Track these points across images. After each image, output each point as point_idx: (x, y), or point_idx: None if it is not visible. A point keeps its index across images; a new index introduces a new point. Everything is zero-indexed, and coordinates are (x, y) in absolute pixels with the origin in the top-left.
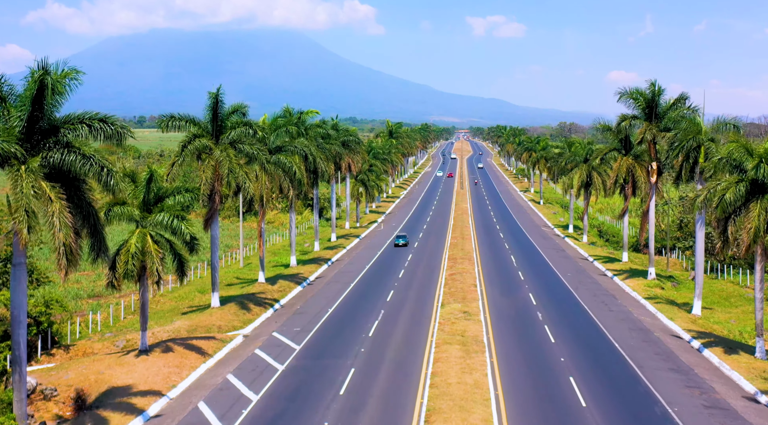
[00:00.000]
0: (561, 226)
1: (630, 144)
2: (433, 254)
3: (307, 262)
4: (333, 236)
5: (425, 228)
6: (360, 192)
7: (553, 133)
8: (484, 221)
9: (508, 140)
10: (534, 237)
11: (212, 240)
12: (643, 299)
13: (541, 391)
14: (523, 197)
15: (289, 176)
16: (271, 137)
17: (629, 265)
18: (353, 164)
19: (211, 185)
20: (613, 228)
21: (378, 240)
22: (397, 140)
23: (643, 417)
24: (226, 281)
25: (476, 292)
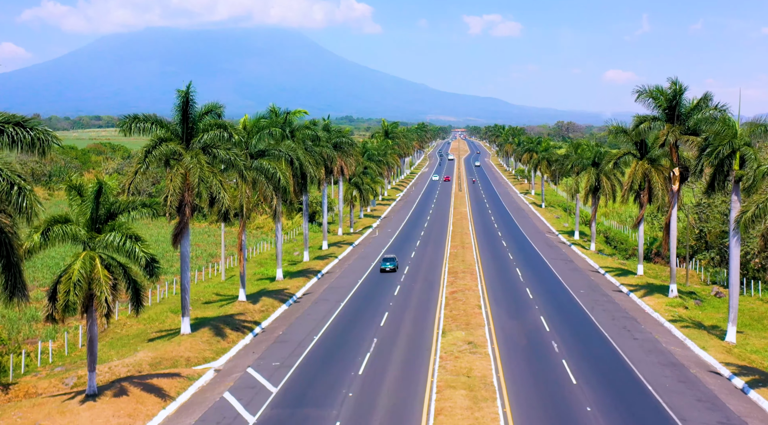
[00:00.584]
0: (565, 232)
1: (646, 147)
2: (431, 267)
3: (295, 274)
4: (324, 244)
5: (423, 235)
6: (354, 196)
7: (551, 132)
8: (485, 226)
9: (507, 140)
10: (539, 245)
11: (182, 258)
12: (667, 323)
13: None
14: (523, 200)
15: (272, 183)
16: (252, 140)
17: (645, 279)
18: (346, 168)
19: (181, 196)
20: (620, 235)
21: (372, 249)
22: (393, 141)
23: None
24: (204, 298)
25: (481, 315)
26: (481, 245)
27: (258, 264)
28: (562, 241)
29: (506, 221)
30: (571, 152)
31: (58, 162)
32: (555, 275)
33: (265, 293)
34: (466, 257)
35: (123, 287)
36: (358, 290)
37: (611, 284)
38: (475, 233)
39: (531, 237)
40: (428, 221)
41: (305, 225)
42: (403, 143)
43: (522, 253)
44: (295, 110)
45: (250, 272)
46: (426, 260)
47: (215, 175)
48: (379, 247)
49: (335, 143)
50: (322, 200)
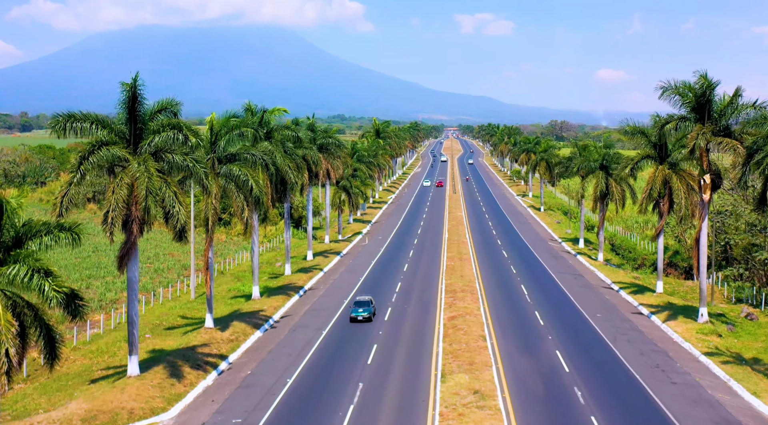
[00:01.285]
0: (569, 239)
1: (665, 150)
2: (426, 283)
3: (274, 291)
4: (309, 253)
5: (416, 243)
6: (342, 200)
7: (544, 131)
8: (483, 233)
9: (502, 140)
10: (542, 255)
11: (129, 286)
12: (703, 357)
13: None
14: (521, 203)
15: (243, 192)
16: (221, 143)
17: (665, 298)
18: (332, 171)
19: (127, 211)
20: (627, 242)
21: (361, 260)
22: (384, 140)
23: None
24: (167, 322)
25: (486, 349)
26: (479, 255)
27: (235, 278)
28: (567, 250)
29: (505, 226)
30: (575, 153)
31: (33, 162)
32: (565, 293)
33: (237, 316)
34: (465, 270)
35: (34, 334)
36: (343, 313)
37: (629, 304)
38: (472, 241)
39: (533, 246)
40: (422, 226)
41: (287, 235)
42: (395, 142)
43: (525, 265)
44: (273, 109)
45: (224, 288)
46: (420, 274)
47: (169, 185)
48: (368, 257)
49: (321, 144)
50: (307, 207)
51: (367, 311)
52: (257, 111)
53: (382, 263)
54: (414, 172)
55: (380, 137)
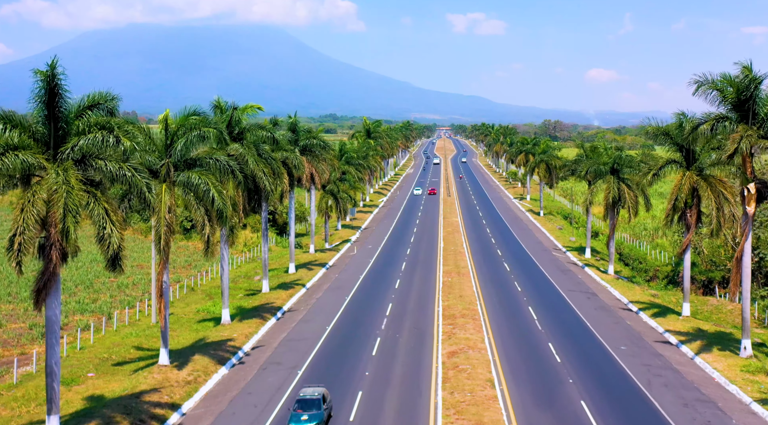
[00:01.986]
0: (573, 248)
1: (693, 154)
2: (421, 305)
3: (248, 313)
4: (291, 266)
5: (409, 254)
6: (329, 206)
7: (537, 131)
8: (481, 242)
9: (497, 140)
10: (548, 268)
11: (48, 326)
12: (757, 405)
13: None
14: (519, 207)
15: (204, 203)
16: (178, 145)
17: (695, 323)
18: (317, 175)
19: (44, 233)
20: (637, 251)
21: (349, 274)
22: (375, 141)
23: None
24: (118, 356)
25: (496, 401)
26: (479, 268)
27: (207, 296)
28: (573, 261)
29: (504, 234)
30: (581, 155)
31: None
32: (580, 318)
33: (201, 348)
34: (464, 288)
35: None
36: (324, 344)
37: (653, 330)
38: (470, 251)
39: (536, 256)
40: (415, 233)
41: (264, 248)
42: (386, 143)
43: (530, 281)
44: (245, 106)
45: (192, 308)
46: (414, 293)
47: (98, 200)
48: (356, 271)
49: (304, 145)
50: (289, 215)
51: (315, 419)
52: (228, 108)
53: (371, 279)
54: (407, 173)
55: (371, 137)
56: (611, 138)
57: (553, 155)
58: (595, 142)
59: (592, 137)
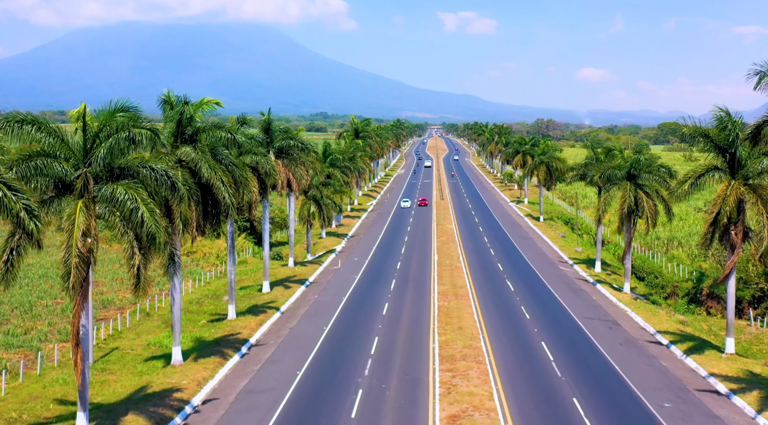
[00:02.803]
0: (581, 260)
1: (738, 161)
2: (413, 340)
3: (206, 348)
4: (265, 284)
5: (399, 268)
6: (311, 213)
7: (530, 130)
8: (479, 254)
9: (492, 139)
10: (557, 288)
11: None
12: None
13: None
14: (516, 211)
15: (133, 224)
16: (100, 150)
17: (744, 363)
18: (295, 181)
19: None
20: (649, 263)
21: (330, 295)
22: (364, 141)
23: None
24: (31, 416)
25: None
26: (479, 288)
27: (164, 323)
28: (583, 277)
29: (503, 243)
30: (591, 158)
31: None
32: (606, 359)
33: (137, 403)
34: (464, 317)
35: None
36: (292, 399)
37: (694, 374)
38: (467, 265)
39: (542, 272)
40: (406, 242)
41: (230, 267)
42: (376, 143)
43: (540, 306)
44: (200, 101)
45: (142, 341)
46: (404, 323)
47: None
48: (339, 290)
49: (280, 147)
50: (263, 227)
51: None
52: (178, 103)
53: (355, 301)
54: (397, 173)
55: (359, 136)
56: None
57: (553, 157)
58: (611, 143)
59: (585, 136)
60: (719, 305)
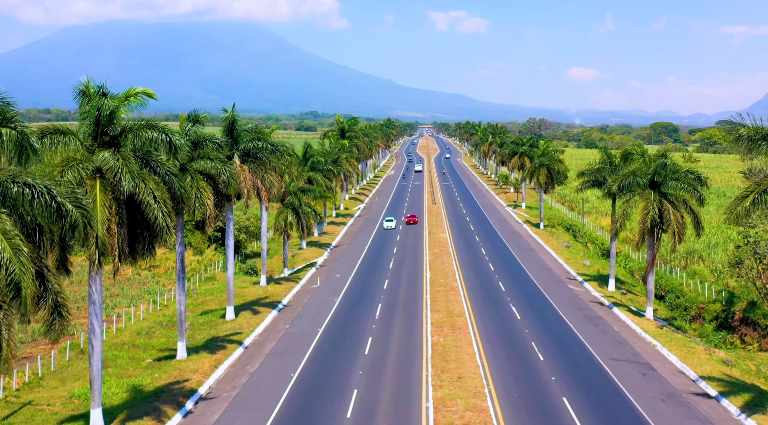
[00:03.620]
0: (591, 277)
1: None
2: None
3: (139, 406)
4: (229, 310)
5: (386, 289)
6: (289, 222)
7: (522, 129)
8: (477, 270)
9: (485, 139)
10: (571, 315)
11: None
12: None
13: None
14: (514, 217)
15: None
16: None
17: None
18: (264, 189)
19: None
20: (668, 280)
21: (304, 323)
22: (351, 141)
23: None
24: None
25: None
26: (480, 316)
27: (105, 360)
28: (596, 298)
29: (503, 256)
30: (605, 162)
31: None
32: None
33: None
34: (463, 361)
35: None
36: None
37: None
38: (465, 284)
39: (550, 292)
40: (395, 255)
41: (179, 296)
42: (363, 143)
43: (555, 341)
44: (126, 92)
45: (65, 391)
46: (391, 367)
47: None
48: (316, 318)
49: (246, 150)
50: (226, 244)
51: None
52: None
53: (332, 335)
54: (387, 174)
55: (346, 137)
56: (597, 137)
57: (554, 159)
58: (629, 147)
59: (578, 135)
60: (755, 333)
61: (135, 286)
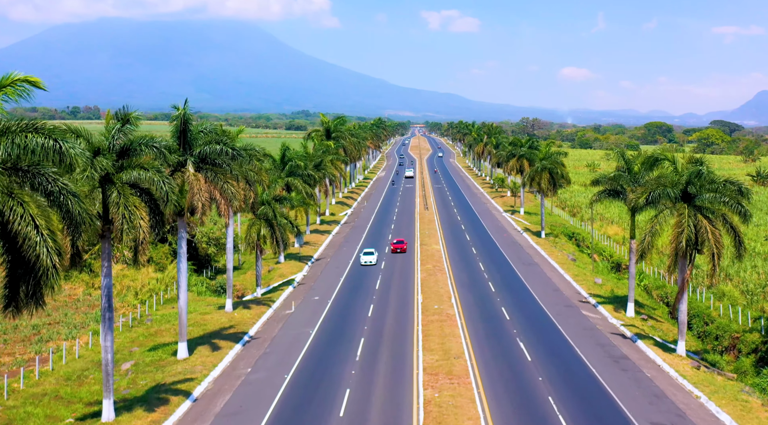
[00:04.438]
0: (606, 299)
1: None
2: None
3: None
4: (181, 347)
5: (371, 316)
6: (262, 236)
7: (515, 129)
8: (476, 290)
9: (480, 139)
10: (593, 357)
11: None
12: None
13: None
14: (513, 224)
15: None
16: None
17: None
18: (224, 201)
19: None
20: (696, 305)
21: (269, 365)
22: (337, 142)
23: None
24: None
25: None
26: (483, 360)
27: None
28: (615, 327)
29: (504, 272)
30: (623, 168)
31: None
32: None
33: None
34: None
35: None
36: None
37: None
38: (463, 313)
39: (562, 322)
40: (383, 271)
41: (105, 342)
42: (352, 143)
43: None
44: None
45: None
46: None
47: None
48: (284, 358)
49: (202, 155)
50: (178, 265)
51: None
52: None
53: (302, 384)
54: (378, 176)
55: (332, 137)
56: (592, 137)
57: (557, 162)
58: (660, 152)
59: (571, 135)
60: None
61: (82, 310)
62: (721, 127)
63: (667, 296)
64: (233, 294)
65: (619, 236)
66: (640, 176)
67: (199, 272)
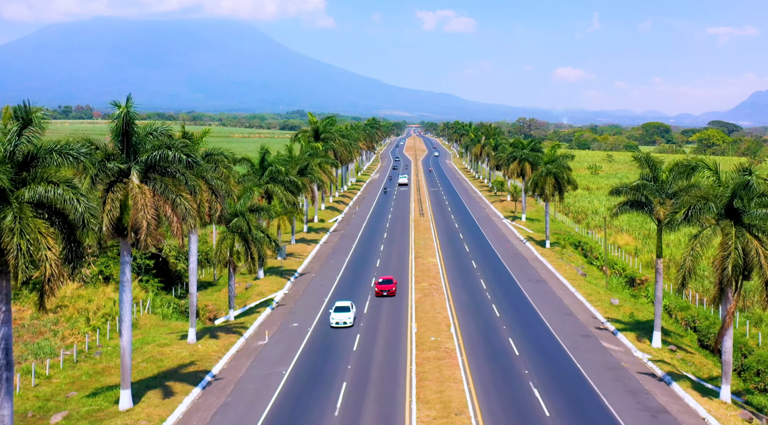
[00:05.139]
0: (625, 325)
1: None
2: None
3: None
4: (124, 396)
5: (356, 351)
6: (236, 251)
7: (511, 129)
8: (479, 317)
9: (477, 140)
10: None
11: None
12: None
13: None
14: (515, 233)
15: None
16: None
17: None
18: (176, 218)
19: None
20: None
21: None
22: (326, 143)
23: None
24: None
25: None
26: (490, 412)
27: None
28: (641, 362)
29: (509, 291)
30: (648, 176)
31: None
32: None
33: None
34: None
35: None
36: None
37: None
38: (464, 347)
39: (579, 356)
40: (372, 291)
41: (2, 412)
42: (342, 145)
43: None
44: None
45: None
46: None
47: None
48: (249, 412)
49: (150, 163)
50: (120, 295)
51: None
52: None
53: None
54: (371, 178)
55: (321, 139)
56: (590, 137)
57: (563, 166)
58: (697, 159)
59: (569, 136)
60: None
61: (24, 338)
62: (720, 127)
63: (693, 321)
64: (204, 316)
65: (630, 247)
66: (668, 185)
67: (168, 290)
